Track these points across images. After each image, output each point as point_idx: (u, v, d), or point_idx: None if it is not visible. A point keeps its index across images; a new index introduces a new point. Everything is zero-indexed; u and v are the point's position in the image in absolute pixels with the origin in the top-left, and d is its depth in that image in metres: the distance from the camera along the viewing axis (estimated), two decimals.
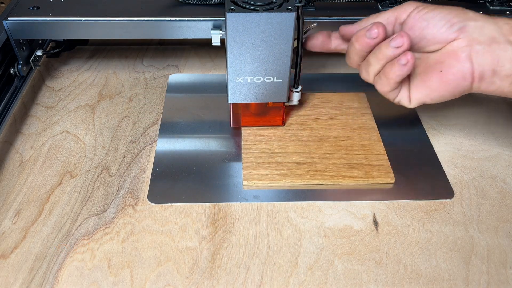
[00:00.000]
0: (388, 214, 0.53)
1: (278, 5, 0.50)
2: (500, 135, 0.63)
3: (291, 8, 0.49)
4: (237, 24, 0.49)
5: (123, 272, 0.47)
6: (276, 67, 0.53)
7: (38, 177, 0.56)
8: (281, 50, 0.52)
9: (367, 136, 0.60)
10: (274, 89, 0.56)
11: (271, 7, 0.50)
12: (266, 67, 0.53)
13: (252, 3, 0.50)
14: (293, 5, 0.50)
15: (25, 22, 0.62)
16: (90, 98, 0.68)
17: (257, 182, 0.55)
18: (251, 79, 0.54)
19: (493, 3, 0.65)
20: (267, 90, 0.56)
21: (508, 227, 0.52)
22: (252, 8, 0.50)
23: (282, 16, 0.49)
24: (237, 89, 0.55)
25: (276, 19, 0.49)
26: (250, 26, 0.50)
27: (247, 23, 0.49)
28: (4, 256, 0.48)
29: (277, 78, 0.54)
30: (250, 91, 0.56)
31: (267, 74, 0.54)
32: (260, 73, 0.54)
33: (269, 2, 0.50)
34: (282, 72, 0.54)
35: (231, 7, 0.49)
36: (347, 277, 0.47)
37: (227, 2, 0.50)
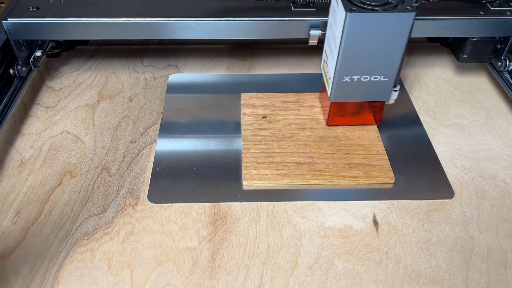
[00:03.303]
0: (388, 214, 0.53)
1: (394, 5, 0.50)
2: (500, 135, 0.63)
3: (410, 8, 0.49)
4: (357, 24, 0.49)
5: (123, 272, 0.47)
6: (386, 66, 0.53)
7: (38, 177, 0.56)
8: (394, 49, 0.51)
9: (367, 136, 0.60)
10: (379, 88, 0.55)
11: (389, 7, 0.49)
12: (376, 66, 0.53)
13: (369, 3, 0.50)
14: (411, 5, 0.49)
15: (25, 22, 0.62)
16: (90, 98, 0.68)
17: (257, 182, 0.55)
18: (358, 78, 0.54)
19: (494, 4, 0.65)
20: (371, 89, 0.55)
21: (508, 227, 0.52)
22: (371, 8, 0.49)
23: (402, 16, 0.49)
24: (342, 88, 0.55)
25: (396, 19, 0.49)
26: (369, 26, 0.49)
27: (366, 23, 0.49)
28: (4, 256, 0.48)
29: (384, 77, 0.54)
30: (355, 90, 0.55)
31: (375, 73, 0.54)
32: (369, 72, 0.53)
33: (385, 2, 0.50)
34: (391, 71, 0.53)
35: (351, 8, 0.49)
36: (347, 277, 0.47)
37: (345, 2, 0.50)
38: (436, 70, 0.75)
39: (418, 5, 0.50)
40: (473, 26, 0.64)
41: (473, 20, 0.64)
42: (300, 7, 0.63)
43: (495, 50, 0.68)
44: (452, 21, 0.64)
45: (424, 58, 0.78)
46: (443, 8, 0.65)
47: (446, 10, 0.65)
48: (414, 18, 0.49)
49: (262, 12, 0.63)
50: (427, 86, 0.72)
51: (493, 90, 0.72)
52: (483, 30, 0.65)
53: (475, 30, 0.65)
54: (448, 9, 0.65)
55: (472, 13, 0.64)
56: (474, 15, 0.64)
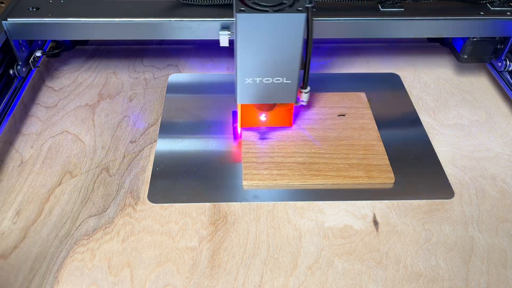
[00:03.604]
0: (388, 214, 0.53)
1: (288, 5, 0.50)
2: (500, 135, 0.63)
3: (301, 9, 0.49)
4: (247, 25, 0.49)
5: (123, 272, 0.47)
6: (286, 68, 0.53)
7: (38, 177, 0.56)
8: (290, 51, 0.51)
9: (367, 136, 0.60)
10: (283, 90, 0.55)
11: (281, 8, 0.49)
12: (275, 68, 0.53)
13: (261, 4, 0.50)
14: (303, 6, 0.49)
15: (25, 23, 0.62)
16: (90, 98, 0.68)
17: (257, 182, 0.55)
18: (260, 80, 0.54)
19: (494, 4, 0.65)
20: (276, 91, 0.55)
21: (508, 227, 0.52)
22: (262, 9, 0.49)
23: (293, 17, 0.49)
24: (246, 90, 0.55)
25: (287, 20, 0.49)
26: (260, 27, 0.49)
27: (257, 24, 0.49)
28: (4, 256, 0.48)
29: (286, 79, 0.54)
30: (259, 92, 0.55)
31: (276, 75, 0.54)
32: (269, 74, 0.53)
33: (279, 3, 0.50)
34: (292, 72, 0.54)
35: (241, 8, 0.49)
36: (347, 277, 0.47)
37: (236, 3, 0.50)
38: (436, 70, 0.75)
39: (312, 5, 0.49)
40: (473, 27, 0.64)
41: (473, 21, 0.64)
42: None
43: (495, 50, 0.68)
44: (452, 21, 0.64)
45: (424, 58, 0.78)
46: (443, 8, 0.65)
47: (446, 10, 0.65)
48: (306, 19, 0.49)
49: None
50: (427, 86, 0.72)
51: (493, 90, 0.72)
52: (483, 31, 0.65)
53: (475, 30, 0.65)
54: (448, 9, 0.65)
55: (472, 13, 0.64)
56: (474, 15, 0.64)
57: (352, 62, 0.76)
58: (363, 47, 0.80)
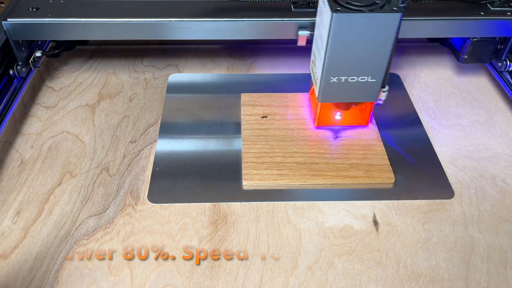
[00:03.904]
0: (388, 214, 0.53)
1: (380, 5, 0.49)
2: (500, 135, 0.63)
3: (396, 9, 0.49)
4: (343, 25, 0.49)
5: (123, 272, 0.47)
6: (373, 67, 0.53)
7: (38, 177, 0.56)
8: (381, 50, 0.51)
9: (367, 136, 0.60)
10: (366, 89, 0.55)
11: (375, 8, 0.49)
12: (363, 67, 0.53)
13: (355, 4, 0.49)
14: (397, 5, 0.49)
15: (25, 23, 0.62)
16: (90, 98, 0.68)
17: (257, 182, 0.55)
18: (346, 79, 0.54)
19: (494, 4, 0.65)
20: (359, 90, 0.55)
21: (508, 227, 0.52)
22: (357, 8, 0.49)
23: (388, 16, 0.48)
24: (329, 89, 0.55)
25: (382, 20, 0.49)
26: (355, 27, 0.49)
27: (352, 24, 0.49)
28: (4, 256, 0.48)
29: (371, 78, 0.54)
30: (342, 91, 0.55)
31: (363, 74, 0.53)
32: (356, 73, 0.53)
33: (371, 3, 0.50)
34: (378, 72, 0.53)
35: (337, 8, 0.48)
36: (347, 277, 0.47)
37: (331, 3, 0.49)
38: (436, 70, 0.75)
39: (405, 5, 0.49)
40: (474, 27, 0.64)
41: (473, 21, 0.64)
42: (300, 7, 0.63)
43: (496, 50, 0.68)
44: (453, 21, 0.64)
45: (424, 58, 0.78)
46: (444, 8, 0.65)
47: (447, 10, 0.64)
48: (400, 19, 0.49)
49: (260, 13, 0.63)
50: (427, 86, 0.72)
51: (493, 90, 0.72)
52: (484, 31, 0.65)
53: (476, 30, 0.65)
54: (449, 9, 0.65)
55: (472, 13, 0.64)
56: (474, 15, 0.64)
57: None
58: None
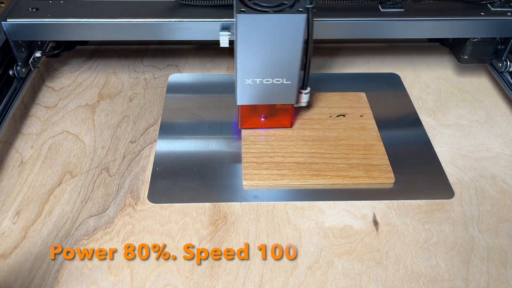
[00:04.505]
0: (388, 214, 0.53)
1: (288, 6, 0.50)
2: (500, 135, 0.63)
3: (302, 9, 0.49)
4: (247, 25, 0.49)
5: (123, 272, 0.47)
6: (286, 68, 0.53)
7: (38, 177, 0.56)
8: (291, 51, 0.51)
9: (367, 136, 0.60)
10: (283, 91, 0.55)
11: (281, 9, 0.49)
12: (275, 69, 0.53)
13: (262, 5, 0.49)
14: (304, 6, 0.49)
15: (24, 23, 0.62)
16: (90, 98, 0.68)
17: (257, 182, 0.55)
18: (260, 81, 0.54)
19: (494, 4, 0.65)
20: (276, 91, 0.55)
21: (508, 227, 0.52)
22: (263, 9, 0.49)
23: (293, 18, 0.49)
24: (246, 91, 0.55)
25: (287, 21, 0.49)
26: (260, 27, 0.49)
27: (257, 25, 0.49)
28: (4, 256, 0.48)
29: (286, 80, 0.54)
30: (259, 93, 0.55)
31: (277, 75, 0.54)
32: (269, 74, 0.53)
33: (279, 4, 0.50)
34: (292, 73, 0.54)
35: (242, 9, 0.49)
36: (347, 277, 0.47)
37: (236, 4, 0.49)
38: (436, 70, 0.75)
39: (312, 6, 0.49)
40: (474, 27, 0.64)
41: (473, 21, 0.64)
42: None
43: (496, 51, 0.68)
44: (453, 21, 0.64)
45: (424, 58, 0.78)
46: (444, 8, 0.65)
47: (447, 10, 0.65)
48: (306, 20, 0.49)
49: None
50: (427, 86, 0.72)
51: (494, 90, 0.72)
52: (484, 31, 0.65)
53: (476, 30, 0.65)
54: (449, 9, 0.65)
55: (472, 13, 0.64)
56: (474, 15, 0.64)
57: (352, 62, 0.76)
58: (363, 47, 0.80)
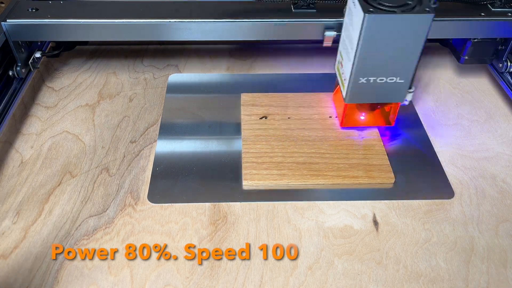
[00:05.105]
0: (388, 214, 0.53)
1: (412, 6, 0.49)
2: (500, 135, 0.63)
3: (429, 9, 0.48)
4: (375, 26, 0.48)
5: (123, 272, 0.47)
6: (402, 67, 0.52)
7: (38, 177, 0.56)
8: (412, 50, 0.51)
9: (367, 136, 0.60)
10: (394, 89, 0.55)
11: (407, 9, 0.49)
12: (392, 68, 0.52)
13: (387, 4, 0.49)
14: (430, 6, 0.49)
15: (24, 24, 0.62)
16: (90, 98, 0.68)
17: (257, 182, 0.55)
18: (374, 79, 0.53)
19: (495, 5, 0.65)
20: (387, 90, 0.55)
21: (508, 227, 0.52)
22: (389, 9, 0.49)
23: (420, 17, 0.48)
24: (357, 89, 0.55)
25: (414, 21, 0.48)
26: (386, 27, 0.49)
27: (384, 25, 0.49)
28: (4, 256, 0.48)
29: (400, 79, 0.54)
30: (370, 92, 0.55)
31: (392, 74, 0.53)
32: (385, 73, 0.53)
33: (403, 4, 0.49)
34: (407, 72, 0.53)
35: (370, 9, 0.48)
36: (347, 277, 0.47)
37: (362, 4, 0.49)
38: (436, 70, 0.75)
39: (437, 6, 0.49)
40: (474, 27, 0.64)
41: (474, 21, 0.64)
42: (300, 8, 0.63)
43: (496, 51, 0.68)
44: (453, 22, 0.64)
45: (424, 58, 0.78)
46: (444, 9, 0.65)
47: (447, 11, 0.64)
48: (432, 20, 0.49)
49: (264, 13, 0.63)
50: (427, 86, 0.72)
51: (494, 91, 0.72)
52: (484, 31, 0.65)
53: (476, 31, 0.65)
54: (449, 10, 0.65)
55: (473, 14, 0.64)
56: (475, 16, 0.64)
57: None
58: None
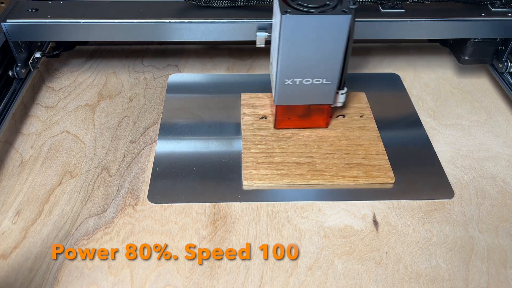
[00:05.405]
0: (388, 214, 0.53)
1: (332, 7, 0.49)
2: (500, 135, 0.63)
3: (347, 10, 0.49)
4: (292, 26, 0.49)
5: (123, 272, 0.47)
6: (327, 69, 0.53)
7: (38, 177, 0.56)
8: (333, 52, 0.51)
9: (367, 136, 0.60)
10: (322, 91, 0.55)
11: (325, 9, 0.49)
12: (316, 69, 0.53)
13: (305, 5, 0.49)
14: (348, 7, 0.49)
15: (24, 24, 0.62)
16: (90, 98, 0.68)
17: (257, 182, 0.55)
18: (300, 81, 0.54)
19: (495, 5, 0.65)
20: (315, 92, 0.55)
21: (508, 227, 0.52)
22: (307, 10, 0.49)
23: (338, 18, 0.48)
24: (285, 91, 0.55)
25: (332, 21, 0.49)
26: (305, 28, 0.49)
27: (302, 25, 0.49)
28: (4, 256, 0.48)
29: (326, 80, 0.54)
30: (298, 93, 0.55)
31: (317, 76, 0.53)
32: (310, 75, 0.53)
33: (322, 4, 0.50)
34: (332, 73, 0.53)
35: (287, 9, 0.48)
36: (347, 277, 0.47)
37: (280, 4, 0.49)
38: (436, 70, 0.75)
39: (356, 7, 0.49)
40: (474, 28, 0.64)
41: (474, 22, 0.64)
42: None
43: (496, 51, 0.68)
44: (453, 22, 0.64)
45: (424, 58, 0.78)
46: (444, 9, 0.65)
47: (447, 11, 0.65)
48: (351, 20, 0.49)
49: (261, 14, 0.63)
50: (427, 86, 0.72)
51: (494, 91, 0.72)
52: (484, 32, 0.65)
53: (476, 31, 0.65)
54: (449, 10, 0.65)
55: (473, 14, 0.64)
56: (475, 16, 0.64)
57: (352, 62, 0.76)
58: (363, 47, 0.80)
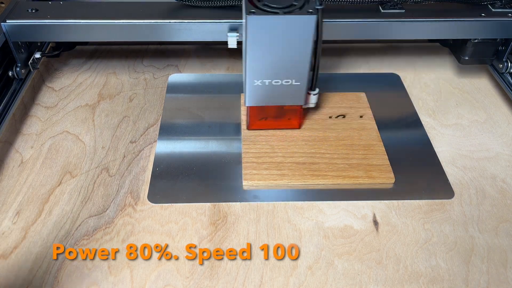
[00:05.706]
0: (388, 214, 0.53)
1: (298, 7, 0.49)
2: (500, 135, 0.63)
3: (312, 11, 0.49)
4: (257, 27, 0.49)
5: (123, 272, 0.47)
6: (295, 69, 0.53)
7: (38, 177, 0.56)
8: (300, 52, 0.51)
9: (367, 136, 0.60)
10: (292, 92, 0.55)
11: (291, 10, 0.49)
12: (285, 70, 0.53)
13: (271, 6, 0.49)
14: (314, 8, 0.49)
15: (24, 24, 0.62)
16: (90, 98, 0.68)
17: (257, 182, 0.55)
18: (270, 82, 0.54)
19: (495, 5, 0.65)
20: (285, 93, 0.55)
21: (508, 227, 0.52)
22: (273, 11, 0.49)
23: (303, 19, 0.48)
24: (255, 92, 0.55)
25: (297, 22, 0.49)
26: (270, 29, 0.49)
27: (267, 26, 0.49)
28: (4, 256, 0.48)
29: (295, 81, 0.54)
30: (268, 94, 0.55)
31: (286, 77, 0.53)
32: (279, 76, 0.53)
33: (289, 5, 0.50)
34: (301, 74, 0.53)
35: (251, 10, 0.48)
36: (347, 277, 0.47)
37: (246, 5, 0.49)
38: (436, 70, 0.75)
39: (322, 7, 0.49)
40: (475, 28, 0.64)
41: (474, 22, 0.64)
42: None
43: (497, 52, 0.68)
44: (453, 22, 0.64)
45: (424, 58, 0.78)
46: (444, 9, 0.65)
47: (447, 11, 0.64)
48: (316, 21, 0.49)
49: None
50: (427, 86, 0.72)
51: (494, 91, 0.72)
52: (485, 32, 0.65)
53: (477, 32, 0.65)
54: (449, 10, 0.65)
55: (473, 14, 0.64)
56: (475, 16, 0.64)
57: (352, 62, 0.76)
58: (363, 48, 0.80)
